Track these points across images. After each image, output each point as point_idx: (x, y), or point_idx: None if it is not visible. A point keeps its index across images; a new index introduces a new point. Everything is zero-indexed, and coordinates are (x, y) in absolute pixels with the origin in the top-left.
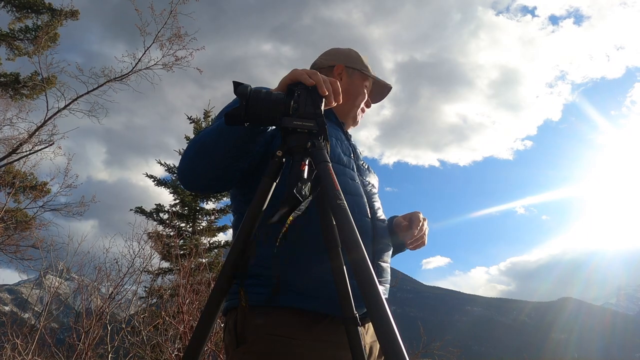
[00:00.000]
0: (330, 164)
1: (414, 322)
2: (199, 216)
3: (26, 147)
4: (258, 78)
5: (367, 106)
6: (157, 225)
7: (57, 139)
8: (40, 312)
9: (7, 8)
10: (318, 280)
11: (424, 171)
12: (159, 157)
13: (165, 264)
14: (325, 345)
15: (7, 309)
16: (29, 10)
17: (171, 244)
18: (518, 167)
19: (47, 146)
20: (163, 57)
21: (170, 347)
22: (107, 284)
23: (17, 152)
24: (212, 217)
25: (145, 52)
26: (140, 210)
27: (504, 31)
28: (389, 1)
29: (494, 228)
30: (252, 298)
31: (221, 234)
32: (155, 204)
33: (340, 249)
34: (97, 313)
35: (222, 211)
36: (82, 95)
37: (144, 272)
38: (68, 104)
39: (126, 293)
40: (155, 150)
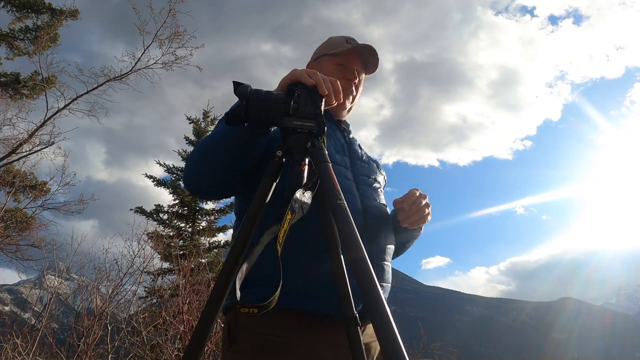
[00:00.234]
0: (330, 163)
1: (414, 322)
2: (199, 216)
3: (26, 147)
4: (258, 78)
5: (352, 80)
6: (157, 225)
7: (59, 140)
8: (41, 312)
9: (7, 8)
10: (313, 280)
11: (424, 171)
12: (158, 157)
13: (165, 264)
14: (316, 345)
15: (7, 309)
16: (29, 10)
17: (171, 244)
18: (518, 167)
19: (47, 146)
20: (163, 55)
21: (170, 347)
22: (107, 284)
23: (17, 152)
24: (211, 217)
25: (144, 51)
26: (140, 211)
27: (504, 31)
28: (389, 1)
29: (494, 228)
30: (246, 298)
31: (221, 234)
32: (155, 204)
33: (340, 249)
34: (97, 313)
35: (221, 211)
36: (82, 95)
37: (144, 273)
38: (68, 104)
39: (126, 293)
40: (155, 150)
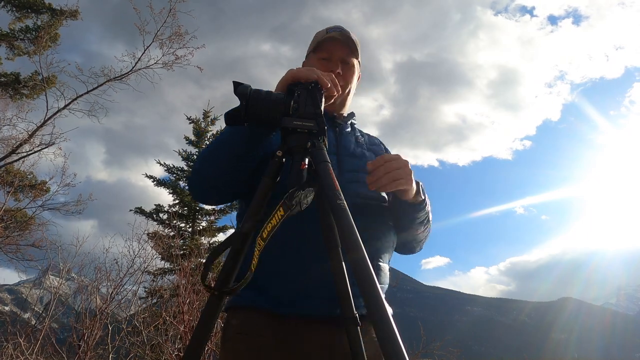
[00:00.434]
0: (330, 163)
1: (414, 322)
2: (199, 216)
3: (27, 147)
4: (257, 78)
5: (334, 71)
6: (157, 225)
7: (59, 140)
8: (41, 312)
9: (7, 8)
10: (291, 283)
11: (423, 171)
12: (158, 157)
13: (166, 264)
14: (289, 346)
15: (7, 309)
16: (29, 10)
17: (171, 244)
18: (517, 167)
19: (47, 146)
20: (163, 55)
21: (171, 347)
22: (108, 284)
23: (17, 153)
24: (212, 217)
25: (144, 51)
26: (140, 211)
27: (503, 31)
28: (388, 1)
29: (493, 228)
30: (235, 300)
31: (221, 234)
32: (155, 204)
33: (340, 249)
34: (98, 313)
35: (222, 211)
36: (82, 94)
37: (144, 273)
38: (68, 104)
39: (126, 293)
40: (155, 150)
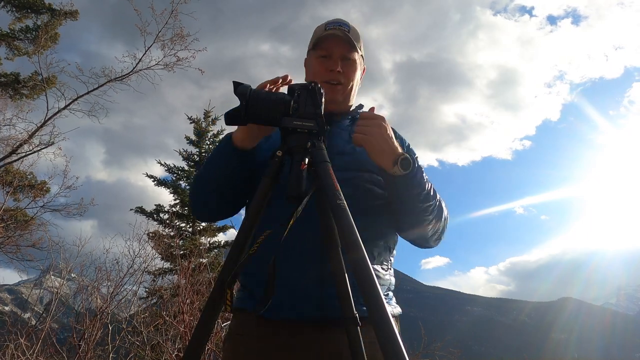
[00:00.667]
0: (330, 163)
1: (414, 322)
2: None
3: (27, 147)
4: (257, 78)
5: (334, 69)
6: (157, 225)
7: (59, 140)
8: (42, 312)
9: (7, 8)
10: (291, 288)
11: None
12: (157, 157)
13: (166, 264)
14: (276, 350)
15: (7, 309)
16: (29, 10)
17: (171, 244)
18: (517, 167)
19: (46, 146)
20: (164, 57)
21: (171, 347)
22: (108, 284)
23: (17, 153)
24: None
25: (146, 52)
26: (140, 211)
27: (503, 31)
28: (387, 1)
29: (493, 228)
30: (235, 302)
31: (221, 234)
32: (155, 204)
33: (340, 249)
34: (98, 313)
35: None
36: (82, 95)
37: (144, 273)
38: (68, 104)
39: (127, 293)
40: (154, 150)
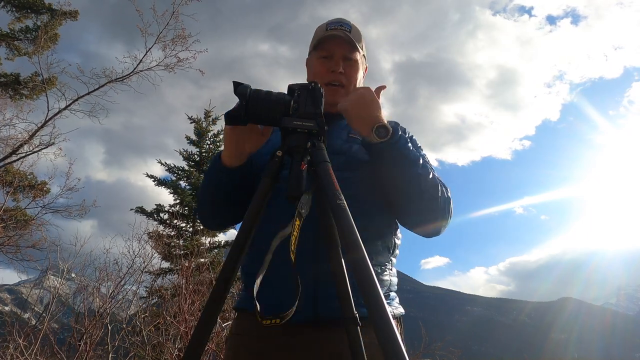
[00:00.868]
0: (332, 163)
1: (413, 322)
2: None
3: (27, 148)
4: (256, 78)
5: (336, 70)
6: (158, 225)
7: (59, 141)
8: (42, 312)
9: (7, 8)
10: (270, 289)
11: None
12: (157, 157)
13: (166, 264)
14: (275, 350)
15: (7, 309)
16: (29, 10)
17: (172, 243)
18: (516, 167)
19: (46, 146)
20: (165, 58)
21: (171, 347)
22: (108, 284)
23: (17, 153)
24: None
25: (146, 52)
26: (140, 210)
27: (502, 31)
28: (387, 1)
29: (493, 228)
30: (237, 301)
31: (221, 234)
32: (156, 204)
33: (340, 249)
34: (98, 313)
35: None
36: (83, 95)
37: (144, 272)
38: (69, 105)
39: (127, 293)
40: (154, 150)
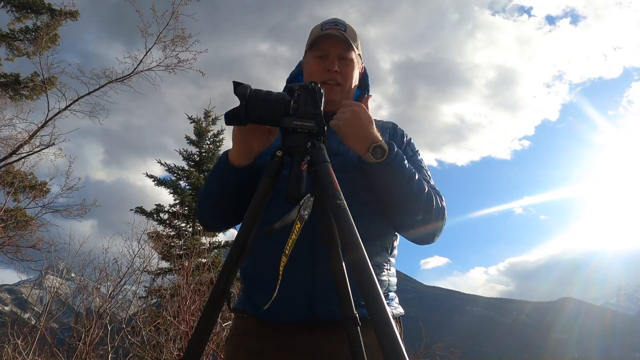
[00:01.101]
0: (330, 163)
1: (413, 322)
2: None
3: (27, 148)
4: (255, 78)
5: (331, 69)
6: (157, 225)
7: (59, 141)
8: (41, 312)
9: (7, 8)
10: (267, 291)
11: None
12: (156, 157)
13: (166, 264)
14: (273, 350)
15: (7, 309)
16: (29, 11)
17: (171, 244)
18: (516, 167)
19: (47, 147)
20: (165, 58)
21: (172, 347)
22: (107, 283)
23: (18, 153)
24: None
25: (147, 53)
26: (140, 211)
27: (501, 31)
28: (386, 1)
29: (492, 228)
30: (237, 304)
31: (221, 234)
32: (155, 204)
33: (340, 249)
34: (97, 313)
35: None
36: (83, 96)
37: (144, 272)
38: (69, 105)
39: (126, 293)
40: (153, 150)
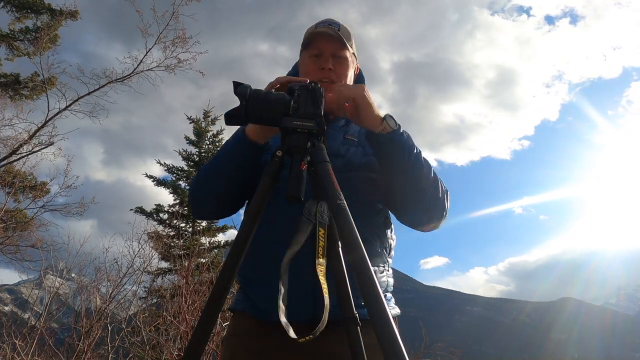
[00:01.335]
0: (330, 164)
1: (413, 322)
2: None
3: (27, 148)
4: (255, 78)
5: (325, 67)
6: (157, 225)
7: (58, 139)
8: (41, 312)
9: (7, 8)
10: (265, 291)
11: None
12: (156, 157)
13: (166, 264)
14: (271, 350)
15: (7, 309)
16: (29, 11)
17: (171, 244)
18: (516, 167)
19: (46, 146)
20: (166, 59)
21: (172, 347)
22: (107, 284)
23: (18, 153)
24: None
25: (147, 53)
26: (140, 211)
27: (501, 31)
28: (386, 1)
29: (492, 228)
30: (233, 302)
31: (221, 234)
32: (155, 204)
33: (340, 249)
34: (97, 313)
35: None
36: (83, 96)
37: (144, 272)
38: (69, 105)
39: (126, 293)
40: (153, 150)
